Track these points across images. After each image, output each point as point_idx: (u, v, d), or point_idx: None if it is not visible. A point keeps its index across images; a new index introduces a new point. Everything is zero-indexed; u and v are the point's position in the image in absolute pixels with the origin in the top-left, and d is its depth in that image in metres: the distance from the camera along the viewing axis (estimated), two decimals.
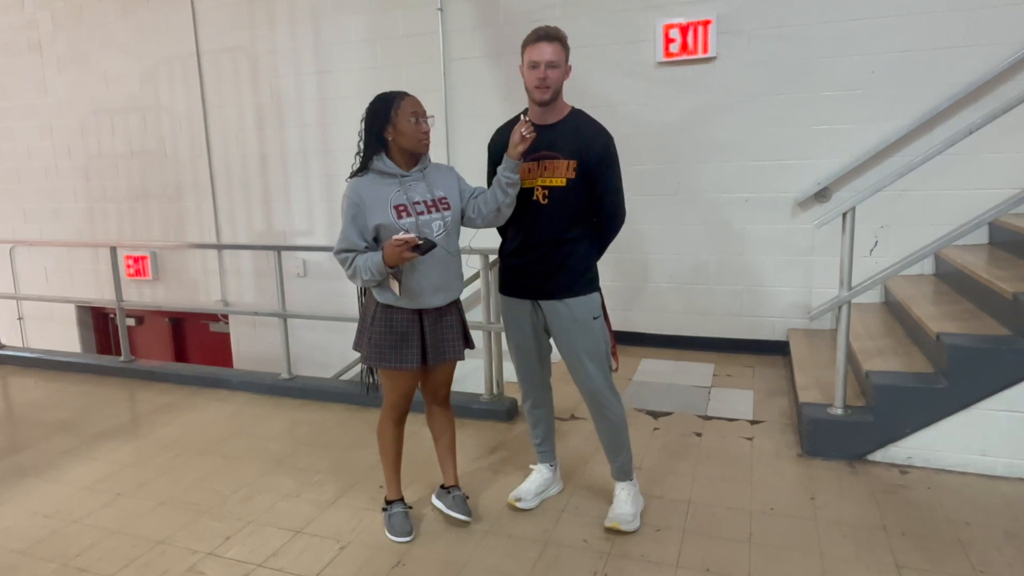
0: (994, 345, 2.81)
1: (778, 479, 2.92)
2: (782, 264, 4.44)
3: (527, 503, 2.75)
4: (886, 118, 4.06)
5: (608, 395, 2.55)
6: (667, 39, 4.41)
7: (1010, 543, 2.40)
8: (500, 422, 3.64)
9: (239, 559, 2.50)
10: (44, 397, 4.42)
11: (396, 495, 2.67)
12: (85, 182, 6.59)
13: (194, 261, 6.35)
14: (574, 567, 2.37)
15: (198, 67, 5.90)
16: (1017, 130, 3.75)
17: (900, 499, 2.73)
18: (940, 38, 3.91)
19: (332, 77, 5.47)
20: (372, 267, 2.30)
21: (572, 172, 2.41)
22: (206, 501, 2.94)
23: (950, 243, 3.02)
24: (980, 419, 2.85)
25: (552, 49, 2.35)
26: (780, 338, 4.48)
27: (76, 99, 6.45)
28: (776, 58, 4.24)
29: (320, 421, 3.81)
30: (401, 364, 2.43)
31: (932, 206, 4.03)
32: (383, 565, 2.43)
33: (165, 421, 3.89)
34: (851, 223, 3.02)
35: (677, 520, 2.63)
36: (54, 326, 6.96)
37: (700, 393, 3.93)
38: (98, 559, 2.54)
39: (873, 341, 3.50)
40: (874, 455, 3.03)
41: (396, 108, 2.33)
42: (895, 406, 2.95)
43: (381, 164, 2.37)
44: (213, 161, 6.03)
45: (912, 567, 2.30)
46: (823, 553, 2.39)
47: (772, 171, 4.35)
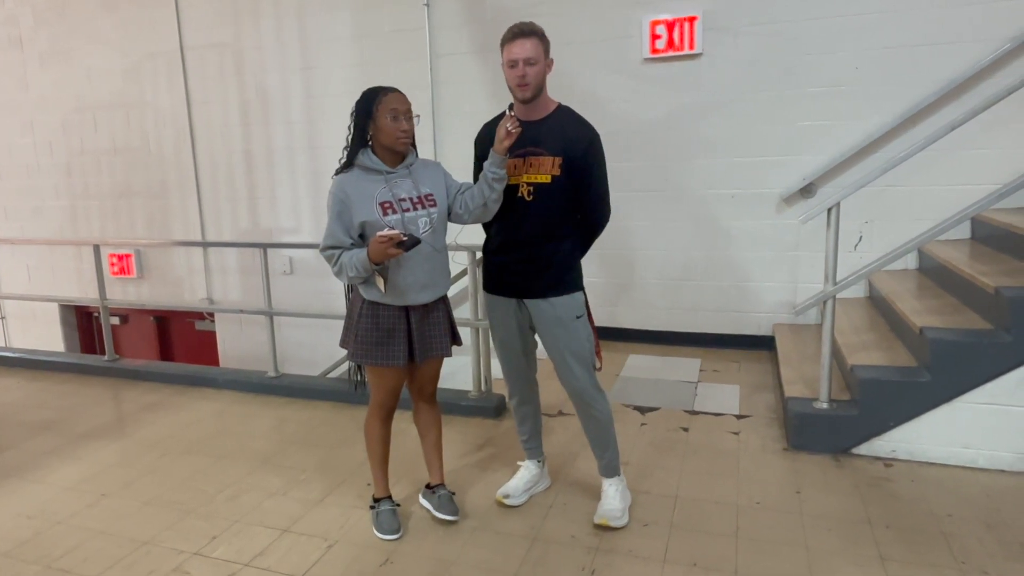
0: (976, 339, 2.84)
1: (764, 473, 2.94)
2: (768, 260, 4.47)
3: (515, 500, 2.75)
4: (870, 114, 4.09)
5: (593, 393, 2.55)
6: (653, 35, 4.42)
7: (991, 534, 2.43)
8: (488, 419, 3.64)
9: (225, 559, 2.49)
10: (27, 397, 4.37)
11: (384, 493, 2.66)
12: (68, 179, 6.52)
13: (179, 259, 6.29)
14: (562, 563, 2.38)
15: (182, 63, 5.85)
16: (998, 126, 3.79)
17: (884, 492, 2.76)
18: (923, 35, 3.94)
19: (318, 73, 5.44)
20: (357, 264, 2.29)
21: (557, 169, 2.41)
22: (192, 501, 2.92)
23: (933, 238, 3.05)
24: (962, 412, 2.89)
25: (529, 45, 2.34)
26: (766, 333, 4.51)
27: (58, 95, 6.38)
28: (762, 55, 4.26)
29: (307, 419, 3.79)
30: (387, 361, 2.42)
31: (916, 202, 4.07)
32: (371, 563, 2.43)
33: (150, 420, 3.86)
34: (836, 219, 3.05)
35: (664, 515, 2.64)
36: (37, 325, 6.89)
37: (687, 388, 3.95)
38: (82, 560, 2.52)
39: (858, 335, 3.53)
40: (859, 448, 3.06)
41: (378, 104, 2.32)
42: (879, 400, 2.98)
43: (367, 160, 2.36)
44: (198, 158, 5.99)
45: (896, 559, 2.32)
46: (809, 546, 2.41)
47: (758, 167, 4.37)
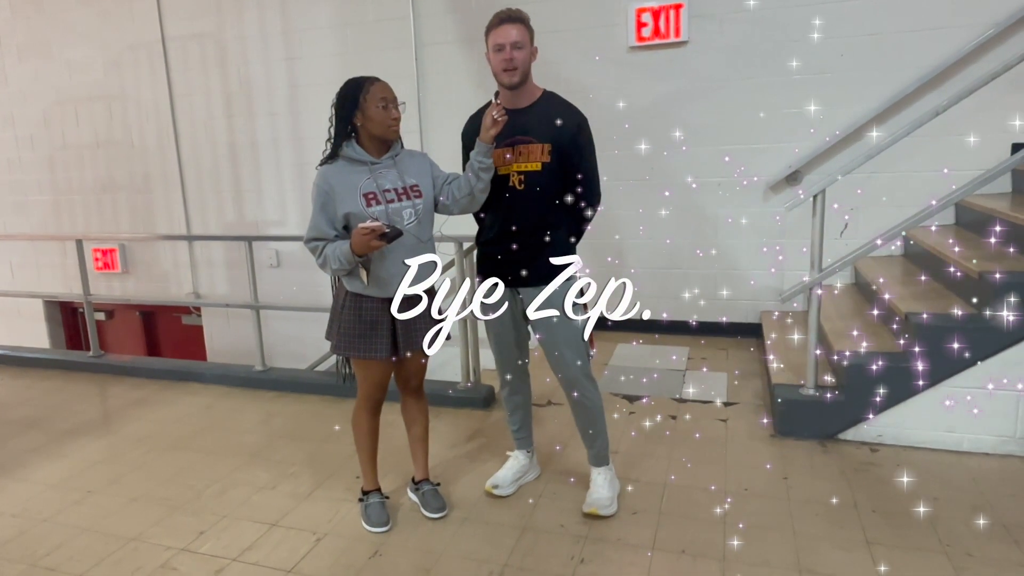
0: (961, 324, 2.86)
1: (752, 459, 2.96)
2: (754, 247, 4.48)
3: (504, 490, 2.75)
4: (855, 101, 4.09)
5: (585, 382, 2.55)
6: (639, 23, 4.39)
7: (976, 517, 2.45)
8: (477, 410, 3.64)
9: (213, 554, 2.48)
10: (11, 394, 4.32)
11: (372, 485, 2.66)
12: (50, 174, 6.43)
13: (164, 253, 6.23)
14: (551, 552, 2.38)
15: (164, 55, 5.77)
16: (982, 112, 3.80)
17: (870, 476, 2.78)
18: (907, 21, 3.94)
19: (302, 64, 5.38)
20: (341, 256, 2.26)
21: (547, 156, 2.39)
22: (179, 496, 2.90)
23: (918, 224, 3.06)
24: (947, 396, 2.91)
25: (516, 30, 2.33)
26: (753, 320, 4.53)
27: (38, 89, 6.27)
28: (747, 42, 4.25)
29: (295, 413, 3.77)
30: (370, 353, 2.41)
31: (901, 188, 4.08)
32: (360, 556, 2.42)
33: (137, 416, 3.83)
34: (821, 206, 3.05)
35: (653, 502, 2.65)
36: (21, 321, 6.80)
37: (675, 377, 3.96)
38: (68, 558, 2.50)
39: (844, 322, 3.55)
40: (845, 434, 3.08)
41: (365, 93, 2.30)
42: (865, 385, 2.99)
43: (351, 151, 2.33)
44: (181, 150, 5.92)
45: (882, 543, 2.34)
46: (796, 531, 2.43)
47: (744, 155, 4.37)
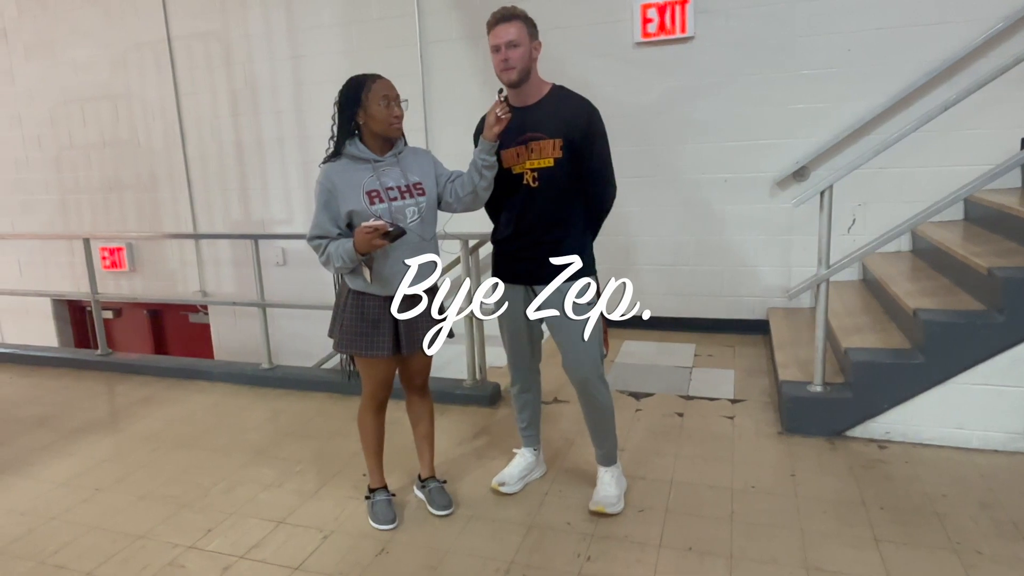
0: (970, 320, 2.84)
1: (759, 457, 2.95)
2: (761, 244, 4.46)
3: (511, 487, 2.75)
4: (862, 96, 4.06)
5: (597, 382, 2.52)
6: (645, 19, 4.37)
7: (985, 514, 2.44)
8: (483, 407, 3.64)
9: (221, 551, 2.49)
10: (20, 392, 4.35)
11: (379, 483, 2.66)
12: (57, 173, 6.45)
13: (171, 252, 6.25)
14: (558, 549, 2.38)
15: (169, 53, 5.78)
16: (990, 106, 3.77)
17: (879, 474, 2.76)
18: (914, 15, 3.91)
19: (307, 62, 5.38)
20: (344, 254, 2.26)
21: (559, 151, 2.37)
22: (187, 494, 2.91)
23: (926, 220, 3.04)
24: (956, 393, 2.89)
25: (512, 29, 2.31)
26: (760, 317, 4.51)
27: (45, 88, 6.30)
28: (753, 37, 4.22)
29: (301, 411, 3.78)
30: (372, 351, 2.40)
31: (908, 183, 4.05)
32: (367, 553, 2.42)
33: (144, 414, 3.85)
34: (829, 201, 3.03)
35: (660, 500, 2.64)
36: (29, 320, 6.84)
37: (682, 374, 3.95)
38: (76, 556, 2.51)
39: (851, 318, 3.53)
40: (853, 431, 3.06)
41: (367, 91, 2.29)
42: (873, 382, 2.98)
43: (354, 149, 2.33)
44: (188, 149, 5.93)
45: (891, 540, 2.33)
46: (804, 529, 2.42)
47: (750, 151, 4.35)
